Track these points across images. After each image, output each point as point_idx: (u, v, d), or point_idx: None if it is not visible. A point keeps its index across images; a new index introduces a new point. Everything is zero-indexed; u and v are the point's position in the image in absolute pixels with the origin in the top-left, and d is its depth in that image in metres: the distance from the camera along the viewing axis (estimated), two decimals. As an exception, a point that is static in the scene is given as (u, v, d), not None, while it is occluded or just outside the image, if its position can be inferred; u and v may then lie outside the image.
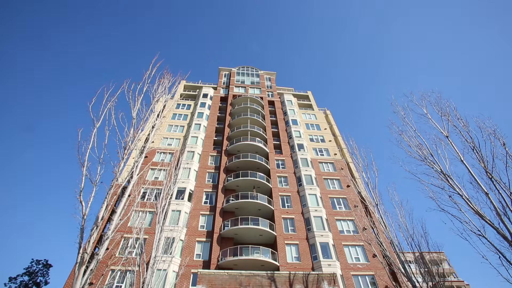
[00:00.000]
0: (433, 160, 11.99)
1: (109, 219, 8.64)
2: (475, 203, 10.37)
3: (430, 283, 12.70)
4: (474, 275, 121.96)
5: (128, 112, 10.98)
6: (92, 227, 7.93)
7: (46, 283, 33.03)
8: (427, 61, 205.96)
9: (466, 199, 10.61)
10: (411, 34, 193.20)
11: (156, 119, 12.94)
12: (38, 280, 32.59)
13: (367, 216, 16.83)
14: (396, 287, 13.77)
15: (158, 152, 33.90)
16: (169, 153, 33.94)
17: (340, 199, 31.90)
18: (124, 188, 9.67)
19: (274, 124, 43.38)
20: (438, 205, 11.46)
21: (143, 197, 26.07)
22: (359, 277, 24.80)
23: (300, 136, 39.60)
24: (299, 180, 33.18)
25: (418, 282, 12.85)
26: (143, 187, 12.51)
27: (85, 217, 7.83)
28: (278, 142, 39.30)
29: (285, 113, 45.18)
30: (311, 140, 40.54)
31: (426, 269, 13.25)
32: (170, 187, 14.16)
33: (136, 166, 10.19)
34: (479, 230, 10.11)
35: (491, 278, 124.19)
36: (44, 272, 33.37)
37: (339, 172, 34.91)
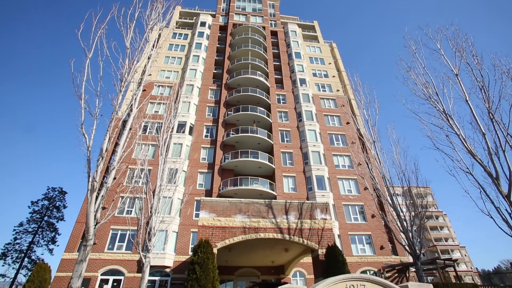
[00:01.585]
0: (437, 99, 11.76)
1: (114, 152, 8.92)
2: (470, 143, 10.61)
3: (412, 213, 13.97)
4: (453, 207, 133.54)
5: (121, 41, 10.23)
6: (98, 158, 8.20)
7: (64, 207, 36.37)
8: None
9: (462, 139, 10.80)
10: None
11: (152, 50, 12.16)
12: (57, 204, 35.79)
13: (363, 152, 17.43)
14: (382, 216, 15.20)
15: (156, 85, 33.03)
16: (168, 86, 33.09)
17: (339, 136, 32.56)
18: (125, 122, 9.69)
19: (276, 57, 41.15)
20: (434, 144, 11.74)
21: (144, 130, 26.49)
22: (349, 206, 27.15)
23: (303, 71, 38.04)
24: (299, 115, 33.23)
25: (402, 211, 14.11)
26: (143, 121, 12.56)
27: (89, 148, 8.01)
28: (279, 76, 37.97)
29: (288, 45, 42.40)
30: (314, 75, 39.09)
31: (411, 201, 14.39)
32: (170, 120, 14.22)
33: (135, 99, 10.00)
34: (467, 168, 10.60)
35: (467, 210, 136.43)
36: (61, 198, 36.43)
37: (340, 109, 34.74)
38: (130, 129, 9.81)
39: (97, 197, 7.50)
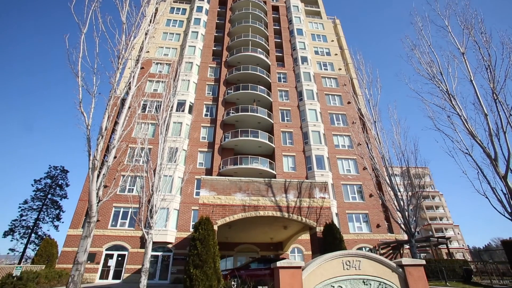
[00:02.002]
0: (441, 79, 11.53)
1: (113, 130, 8.87)
2: (471, 124, 10.57)
3: (410, 193, 14.20)
4: (450, 188, 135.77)
5: (116, 16, 9.85)
6: (98, 137, 8.17)
7: (67, 185, 36.91)
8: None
9: (463, 120, 10.74)
10: None
11: (149, 25, 11.74)
12: (59, 183, 36.28)
13: (363, 133, 17.39)
14: (380, 195, 15.45)
15: (154, 62, 32.29)
16: (166, 64, 32.36)
17: (339, 115, 32.36)
18: (124, 100, 9.56)
19: (278, 33, 39.89)
20: (435, 125, 11.69)
21: (143, 109, 26.25)
22: (347, 186, 27.55)
23: (305, 48, 37.05)
24: (300, 94, 32.82)
25: (399, 191, 14.33)
26: (142, 99, 12.40)
27: (89, 127, 7.95)
28: (281, 54, 37.04)
29: (290, 21, 40.95)
30: (316, 53, 38.12)
31: (409, 181, 14.58)
32: (169, 99, 14.02)
33: (133, 77, 9.80)
34: (467, 149, 10.64)
35: (463, 190, 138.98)
36: (63, 176, 36.86)
37: (341, 88, 34.23)
38: (129, 107, 9.69)
39: (98, 176, 7.55)
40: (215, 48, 36.11)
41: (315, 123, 30.18)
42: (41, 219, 33.98)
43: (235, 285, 13.13)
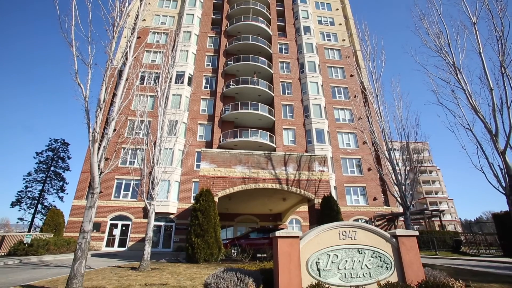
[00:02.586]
0: (448, 51, 11.15)
1: (112, 103, 8.73)
2: (475, 99, 10.41)
3: (408, 167, 14.35)
4: (446, 161, 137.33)
5: (109, -21, 9.24)
6: (96, 109, 8.04)
7: (68, 157, 37.25)
8: None
9: (468, 94, 10.56)
10: None
11: (144, -10, 11.09)
12: (61, 155, 36.58)
13: (365, 106, 17.17)
14: (378, 169, 15.65)
15: (151, 31, 31.05)
16: (164, 33, 31.16)
17: (341, 89, 31.82)
18: (121, 71, 9.31)
19: (280, 1, 37.93)
20: (438, 99, 11.52)
21: (142, 81, 25.72)
22: (347, 159, 27.83)
23: (308, 17, 35.46)
24: (301, 66, 32.02)
25: (398, 165, 14.47)
26: (140, 71, 12.07)
27: (87, 99, 7.81)
28: (282, 24, 35.54)
29: (293, -13, 38.73)
30: (319, 22, 36.54)
31: (408, 156, 14.68)
32: (168, 70, 13.65)
33: (130, 47, 9.44)
34: (468, 124, 10.58)
35: (460, 166, 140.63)
36: (64, 149, 37.08)
37: (344, 60, 33.29)
38: (127, 79, 9.46)
39: (99, 148, 7.55)
40: (214, 17, 34.57)
41: (316, 96, 29.75)
42: (46, 191, 34.78)
43: (235, 253, 13.74)
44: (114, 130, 8.92)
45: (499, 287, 6.57)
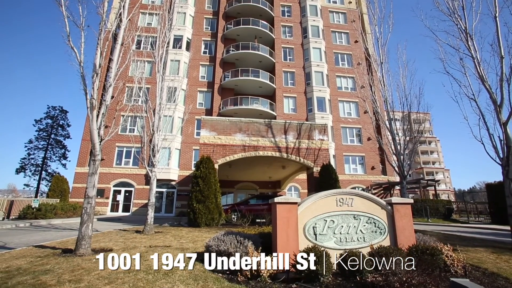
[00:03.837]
0: (461, 14, 10.51)
1: (108, 69, 8.46)
2: (483, 68, 10.08)
3: (408, 138, 14.36)
4: (447, 133, 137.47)
5: None
6: (92, 74, 7.84)
7: (68, 125, 37.12)
8: None
9: (476, 62, 10.18)
10: None
11: None
12: (60, 123, 36.42)
13: (368, 74, 16.70)
14: (378, 138, 15.69)
15: (146, -10, 29.18)
16: (159, -8, 29.25)
17: (345, 55, 30.76)
18: (116, 35, 8.91)
19: (283, -43, 35.08)
20: (445, 68, 11.13)
21: (138, 45, 24.72)
22: (347, 129, 27.79)
23: (313, -24, 33.08)
24: (304, 31, 30.64)
25: (398, 135, 14.47)
26: (136, 34, 11.54)
27: (81, 64, 7.57)
28: (286, -17, 33.26)
29: None
30: (325, -18, 34.16)
31: (409, 126, 14.61)
32: (165, 33, 13.05)
33: (123, 7, 8.93)
34: (473, 95, 10.34)
35: (461, 137, 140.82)
36: (63, 117, 36.79)
37: (349, 25, 31.73)
38: (122, 44, 9.08)
39: (98, 115, 7.48)
40: (212, -25, 32.24)
41: (318, 63, 28.86)
42: (49, 158, 35.22)
43: (235, 218, 14.27)
44: (112, 97, 8.77)
45: (484, 250, 6.99)
